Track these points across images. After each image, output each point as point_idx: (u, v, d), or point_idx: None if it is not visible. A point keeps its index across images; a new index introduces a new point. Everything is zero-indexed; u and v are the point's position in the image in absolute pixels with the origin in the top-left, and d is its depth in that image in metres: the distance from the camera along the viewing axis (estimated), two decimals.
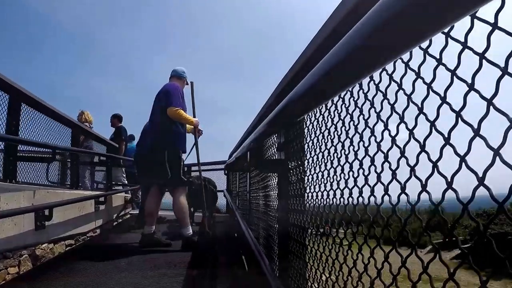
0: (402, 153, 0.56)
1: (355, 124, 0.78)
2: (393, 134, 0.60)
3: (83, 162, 4.12)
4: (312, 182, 1.12)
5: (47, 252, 2.70)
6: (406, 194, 0.56)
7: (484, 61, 0.40)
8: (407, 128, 0.56)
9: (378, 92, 0.67)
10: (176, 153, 3.18)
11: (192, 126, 3.40)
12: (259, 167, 1.30)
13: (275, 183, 1.40)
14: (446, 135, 0.46)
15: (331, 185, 0.95)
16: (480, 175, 0.40)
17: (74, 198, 2.92)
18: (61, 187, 3.56)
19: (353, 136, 0.80)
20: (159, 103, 3.18)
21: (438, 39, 0.46)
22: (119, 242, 3.47)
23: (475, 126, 0.41)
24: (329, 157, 0.99)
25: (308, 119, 1.19)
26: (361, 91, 0.76)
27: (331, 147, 0.98)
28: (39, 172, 3.13)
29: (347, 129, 0.87)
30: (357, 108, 0.78)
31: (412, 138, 0.53)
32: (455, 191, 0.45)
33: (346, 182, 0.84)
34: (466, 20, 0.41)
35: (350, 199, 0.78)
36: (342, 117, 0.90)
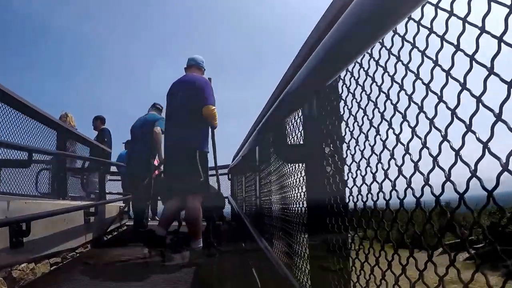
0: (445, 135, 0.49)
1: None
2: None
3: (69, 168, 3.76)
4: (351, 173, 0.82)
5: (27, 273, 2.34)
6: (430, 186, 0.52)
7: None
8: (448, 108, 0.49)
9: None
10: (205, 154, 2.91)
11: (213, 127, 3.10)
12: (280, 155, 0.96)
13: (301, 178, 1.07)
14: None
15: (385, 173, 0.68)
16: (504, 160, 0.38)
17: (57, 210, 2.56)
18: (44, 197, 3.20)
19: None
20: (188, 97, 2.87)
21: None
22: (113, 259, 3.09)
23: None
24: (378, 136, 0.72)
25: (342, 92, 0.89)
26: None
27: (380, 123, 0.71)
28: (17, 180, 2.78)
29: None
30: None
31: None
32: (479, 178, 0.42)
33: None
34: None
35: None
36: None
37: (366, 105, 0.81)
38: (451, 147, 0.48)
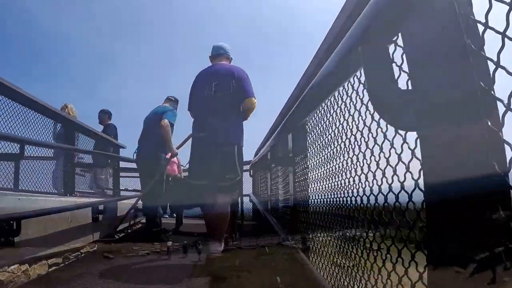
0: None
1: None
2: None
3: (76, 163, 3.51)
4: None
5: (18, 275, 2.05)
6: None
7: None
8: None
9: None
10: (242, 150, 2.72)
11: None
12: (394, 120, 0.54)
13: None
14: None
15: None
16: None
17: (53, 208, 2.30)
18: (48, 193, 2.95)
19: None
20: (226, 88, 2.67)
21: None
22: (123, 260, 2.78)
23: None
24: None
25: None
26: None
27: None
28: (16, 175, 2.53)
29: None
30: None
31: None
32: None
33: None
34: None
35: None
36: None
37: None
38: None
